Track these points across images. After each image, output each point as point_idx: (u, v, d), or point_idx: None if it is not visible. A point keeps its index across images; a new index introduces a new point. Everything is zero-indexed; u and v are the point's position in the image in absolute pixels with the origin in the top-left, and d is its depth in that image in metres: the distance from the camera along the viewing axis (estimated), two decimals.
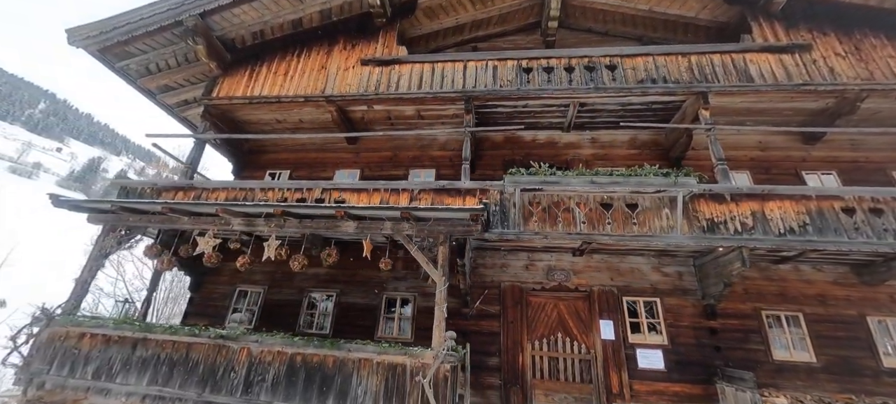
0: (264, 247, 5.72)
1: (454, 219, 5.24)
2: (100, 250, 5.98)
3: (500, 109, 8.12)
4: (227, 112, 8.96)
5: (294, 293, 8.01)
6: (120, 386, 4.93)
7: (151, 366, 5.01)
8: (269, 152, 9.87)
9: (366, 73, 8.21)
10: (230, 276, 8.36)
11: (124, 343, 5.20)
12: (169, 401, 4.78)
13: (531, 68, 7.70)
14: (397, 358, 4.63)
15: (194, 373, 4.89)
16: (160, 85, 9.53)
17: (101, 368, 5.10)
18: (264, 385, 4.70)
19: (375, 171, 9.10)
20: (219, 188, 7.45)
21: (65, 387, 5.04)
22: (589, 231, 6.22)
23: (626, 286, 7.24)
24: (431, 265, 5.20)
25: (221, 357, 4.93)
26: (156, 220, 6.05)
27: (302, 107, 8.46)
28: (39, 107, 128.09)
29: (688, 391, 6.45)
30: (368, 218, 5.44)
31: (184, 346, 5.04)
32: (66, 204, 5.91)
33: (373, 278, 7.88)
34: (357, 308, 7.69)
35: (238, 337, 4.91)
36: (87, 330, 5.33)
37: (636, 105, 7.69)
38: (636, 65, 7.46)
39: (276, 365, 4.78)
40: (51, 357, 5.28)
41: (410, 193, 6.80)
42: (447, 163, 8.93)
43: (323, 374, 4.66)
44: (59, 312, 5.53)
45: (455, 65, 7.97)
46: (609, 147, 8.51)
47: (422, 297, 7.62)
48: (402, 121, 8.80)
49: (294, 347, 4.79)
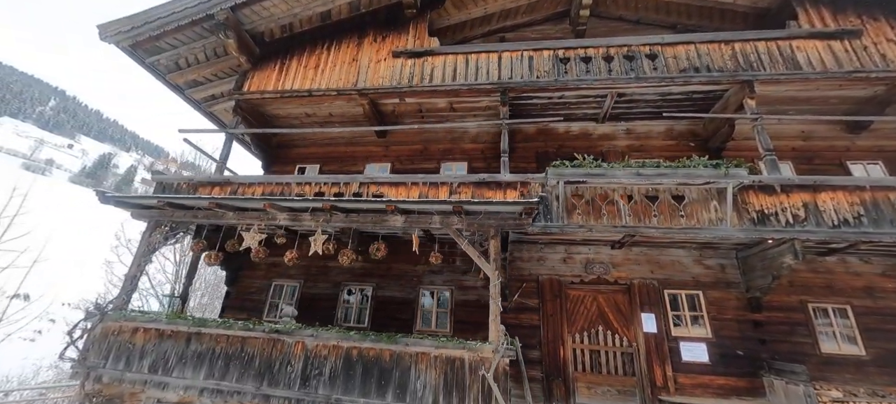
0: (310, 242, 5.71)
1: (504, 212, 5.18)
2: (147, 246, 6.02)
3: (535, 101, 7.99)
4: (257, 106, 8.95)
5: (329, 287, 8.05)
6: (177, 380, 4.99)
7: (207, 360, 5.05)
8: (298, 146, 9.86)
9: (398, 65, 8.11)
10: (266, 271, 8.42)
11: (178, 337, 5.25)
12: (227, 395, 4.83)
13: (568, 58, 7.55)
14: (455, 352, 4.62)
15: (250, 367, 4.92)
16: (188, 80, 9.53)
17: (156, 362, 5.16)
18: (322, 378, 4.72)
19: (406, 165, 9.06)
20: (255, 183, 7.44)
21: (122, 381, 5.12)
22: (635, 224, 6.13)
23: (667, 279, 7.16)
24: (483, 259, 5.16)
25: (277, 351, 4.96)
26: (201, 216, 6.07)
27: (333, 100, 8.40)
28: (50, 104, 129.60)
29: (733, 384, 6.39)
30: (417, 212, 5.40)
31: (238, 341, 5.08)
32: (112, 200, 5.94)
33: (408, 272, 7.88)
34: (394, 301, 7.71)
35: (293, 331, 4.93)
36: (140, 324, 5.39)
37: (676, 95, 7.52)
38: (678, 53, 7.28)
39: (332, 359, 4.79)
40: (106, 351, 5.36)
41: (449, 186, 6.74)
42: (479, 156, 8.85)
43: (380, 368, 4.67)
44: (111, 308, 5.59)
45: (489, 56, 7.84)
46: (645, 138, 8.36)
47: (459, 291, 7.61)
48: (433, 113, 8.72)
49: (350, 341, 4.80)
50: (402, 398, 4.51)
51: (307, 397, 4.65)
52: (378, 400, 4.53)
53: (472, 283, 7.67)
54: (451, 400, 4.44)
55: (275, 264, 8.43)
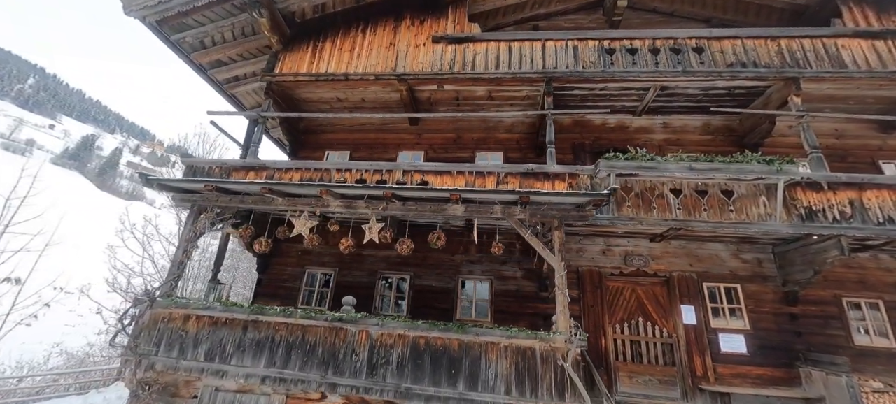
0: (365, 230, 5.60)
1: (568, 203, 5.15)
2: (191, 232, 5.84)
3: (576, 92, 7.92)
4: (287, 89, 8.68)
5: (365, 275, 7.97)
6: (236, 368, 4.89)
7: (266, 349, 4.96)
8: (326, 132, 9.63)
9: (438, 50, 7.93)
10: (298, 258, 8.28)
11: (234, 325, 5.13)
12: (290, 383, 4.76)
13: (614, 49, 7.47)
14: (526, 342, 4.62)
15: (313, 356, 4.85)
16: (213, 60, 9.18)
17: (212, 350, 5.04)
18: (389, 367, 4.68)
19: (439, 153, 8.93)
20: (292, 168, 7.24)
21: (177, 369, 4.99)
22: (685, 217, 6.17)
23: (706, 272, 7.28)
24: (548, 250, 5.13)
25: (340, 339, 4.89)
26: (249, 201, 5.89)
27: (369, 85, 8.19)
28: (29, 81, 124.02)
29: (770, 374, 6.58)
30: (478, 201, 5.33)
31: (299, 329, 4.99)
32: (155, 183, 5.71)
33: (445, 261, 7.85)
34: (432, 290, 7.68)
35: (357, 320, 4.86)
36: (192, 311, 5.25)
37: (719, 90, 7.54)
38: (724, 48, 7.27)
39: (398, 348, 4.75)
40: (157, 338, 5.21)
41: (496, 176, 6.66)
42: (514, 147, 8.78)
43: (449, 357, 4.65)
44: (159, 294, 5.42)
45: (533, 44, 7.71)
46: (681, 132, 8.39)
47: (498, 281, 7.62)
48: (469, 101, 8.59)
49: (417, 330, 4.76)
50: (473, 387, 4.51)
51: (376, 386, 4.61)
52: (449, 389, 4.52)
53: (510, 273, 7.69)
54: (523, 390, 4.46)
55: (307, 251, 8.30)
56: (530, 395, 4.42)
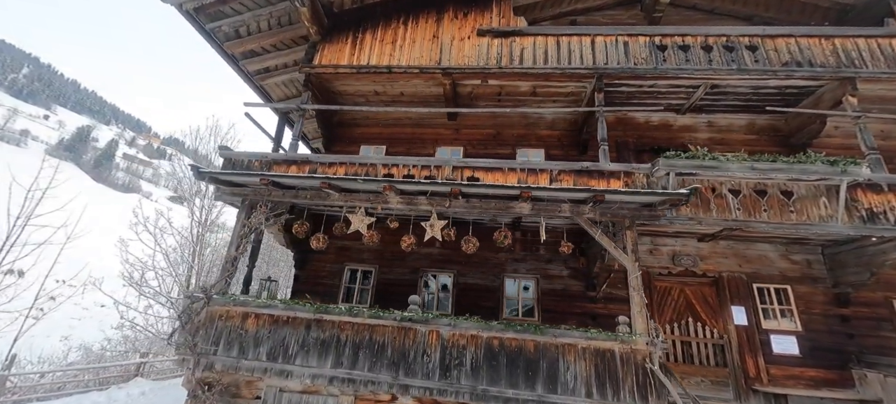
0: (426, 227, 5.45)
1: (641, 202, 5.03)
2: (244, 227, 5.65)
3: (623, 89, 7.78)
4: (324, 82, 8.48)
5: (407, 272, 7.83)
6: (301, 368, 4.74)
7: (332, 348, 4.81)
8: (361, 126, 9.43)
9: (484, 44, 7.75)
10: (337, 254, 8.12)
11: (297, 324, 4.98)
12: (359, 384, 4.63)
13: (665, 46, 7.34)
14: (605, 344, 4.52)
15: (382, 356, 4.71)
16: (246, 50, 8.94)
17: (274, 349, 4.89)
18: (463, 369, 4.56)
19: (478, 149, 8.78)
20: (336, 163, 7.06)
21: (238, 368, 4.84)
22: (745, 218, 6.08)
23: (755, 272, 7.21)
24: (620, 250, 5.02)
25: (409, 340, 4.76)
26: (303, 196, 5.72)
27: (411, 78, 8.01)
28: (23, 71, 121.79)
29: (823, 376, 6.53)
30: (547, 199, 5.20)
31: (366, 329, 4.85)
32: (207, 175, 5.52)
33: (490, 259, 7.72)
34: (477, 289, 7.56)
35: (429, 320, 4.73)
36: (252, 310, 5.08)
37: (769, 89, 7.43)
38: (778, 46, 7.16)
39: (472, 349, 4.63)
40: (215, 337, 5.05)
41: (549, 174, 6.52)
42: (555, 144, 8.65)
43: (526, 359, 4.54)
44: (215, 292, 5.25)
45: (582, 39, 7.56)
46: (726, 131, 8.30)
47: (544, 279, 7.51)
48: (511, 97, 8.42)
49: (490, 331, 4.63)
50: (552, 389, 4.40)
51: (450, 388, 4.49)
52: (528, 391, 4.41)
53: (556, 272, 7.58)
54: (604, 393, 4.36)
55: (345, 248, 8.16)
56: (612, 398, 4.33)
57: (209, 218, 18.73)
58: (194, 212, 18.08)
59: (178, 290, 17.40)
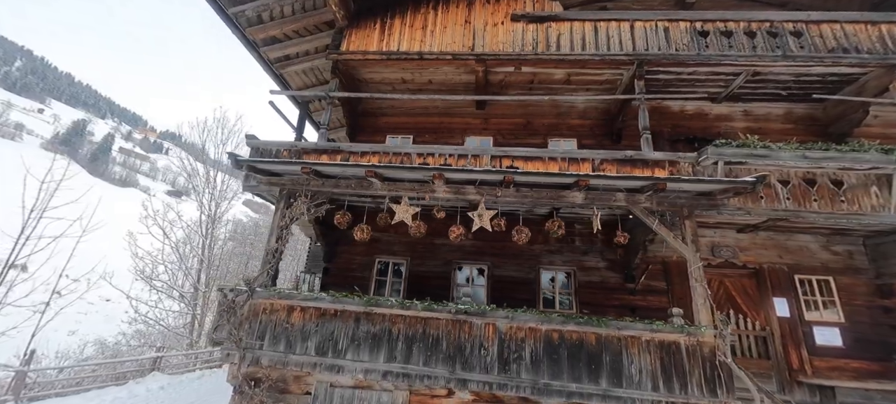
0: (473, 217, 5.27)
1: (701, 191, 4.86)
2: (283, 217, 5.45)
3: (660, 76, 7.58)
4: (351, 69, 8.22)
5: (439, 265, 7.67)
6: (353, 363, 4.58)
7: (384, 342, 4.65)
8: (386, 115, 9.20)
9: (519, 30, 7.51)
10: (367, 247, 7.92)
11: (346, 317, 4.81)
12: (414, 378, 4.47)
13: (707, 31, 7.13)
14: (670, 336, 4.38)
15: (437, 350, 4.56)
16: (268, 36, 8.63)
17: (323, 344, 4.72)
18: (523, 362, 4.42)
19: (508, 139, 8.58)
20: (368, 152, 6.85)
21: (286, 363, 4.67)
22: (795, 208, 5.94)
23: (796, 264, 7.10)
24: (680, 240, 4.86)
25: (465, 333, 4.60)
26: (344, 185, 5.51)
27: (441, 65, 7.77)
28: (16, 64, 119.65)
29: (867, 367, 6.44)
30: (601, 188, 5.02)
31: (419, 322, 4.68)
32: (245, 164, 5.30)
33: (524, 251, 7.55)
34: (512, 281, 7.41)
35: (486, 312, 4.57)
36: (297, 303, 4.90)
37: (812, 76, 7.26)
38: (824, 32, 6.97)
39: (531, 342, 4.48)
40: (260, 331, 4.87)
41: (592, 163, 6.35)
42: (587, 133, 8.46)
43: (588, 352, 4.40)
44: (258, 285, 5.06)
45: (620, 24, 7.33)
46: (763, 120, 8.13)
47: (581, 272, 7.37)
48: (543, 85, 8.20)
49: (550, 324, 4.48)
50: (617, 383, 4.27)
51: (510, 381, 4.35)
52: (591, 385, 4.28)
53: (593, 264, 7.44)
54: (671, 386, 4.23)
55: (375, 240, 7.95)
56: (679, 391, 4.20)
57: (218, 212, 18.49)
58: (203, 205, 17.82)
59: (189, 284, 17.22)
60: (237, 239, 27.69)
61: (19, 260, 9.59)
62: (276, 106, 8.35)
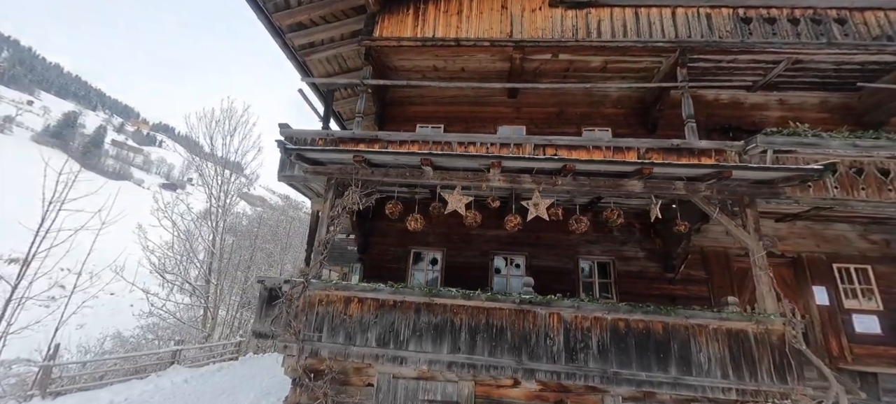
0: (528, 206, 5.19)
1: (757, 179, 4.81)
2: (332, 208, 5.33)
3: (699, 64, 7.48)
4: (382, 56, 8.03)
5: (476, 256, 7.61)
6: (416, 354, 4.52)
7: (447, 333, 4.59)
8: (416, 104, 9.03)
9: (557, 16, 7.36)
10: (400, 238, 7.84)
11: (405, 308, 4.73)
12: (480, 369, 4.43)
13: (750, 18, 7.04)
14: (738, 325, 4.37)
15: (502, 340, 4.51)
16: (294, 22, 8.38)
17: (384, 335, 4.65)
18: (590, 352, 4.38)
19: (542, 128, 8.46)
20: (407, 140, 6.71)
21: (347, 355, 4.59)
22: (843, 196, 5.93)
23: (834, 253, 7.13)
24: (741, 229, 4.83)
25: (529, 323, 4.55)
26: (395, 175, 5.39)
27: (477, 53, 7.61)
28: (2, 55, 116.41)
29: None
30: (661, 176, 4.95)
31: (482, 312, 4.62)
32: (294, 152, 5.15)
33: (562, 241, 7.51)
34: (550, 271, 7.37)
35: (550, 302, 4.52)
36: (355, 294, 4.81)
37: (852, 64, 7.21)
38: (867, 19, 6.90)
39: (597, 332, 4.44)
40: (317, 323, 4.78)
41: (637, 151, 6.30)
42: (622, 122, 8.37)
43: (655, 341, 4.37)
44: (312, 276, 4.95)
45: (662, 11, 7.21)
46: (798, 109, 8.09)
47: (620, 261, 7.35)
48: (579, 73, 8.08)
49: (616, 313, 4.45)
50: (686, 371, 4.25)
51: (578, 371, 4.32)
52: (661, 373, 4.26)
53: (631, 254, 7.42)
54: (741, 374, 4.22)
55: (409, 231, 7.85)
56: (749, 379, 4.20)
57: (228, 202, 18.25)
58: (213, 196, 17.56)
59: (201, 277, 17.05)
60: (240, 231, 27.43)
61: (40, 252, 9.38)
62: (305, 94, 8.16)
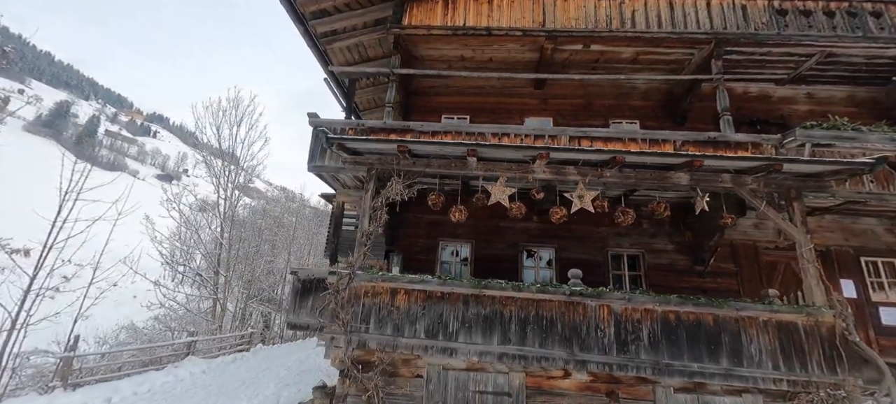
0: (572, 198, 5.16)
1: (805, 173, 4.80)
2: (374, 198, 5.26)
3: (732, 56, 7.42)
4: (409, 44, 7.89)
5: (505, 248, 7.58)
6: (466, 345, 4.50)
7: (497, 325, 4.57)
8: (441, 95, 8.91)
9: (590, 5, 7.25)
10: (429, 230, 7.80)
11: (453, 300, 4.70)
12: (531, 360, 4.42)
13: (786, 10, 6.98)
14: (787, 317, 4.39)
15: (552, 332, 4.50)
16: (318, 9, 8.19)
17: (433, 326, 4.63)
18: (641, 343, 4.39)
19: (569, 120, 8.39)
20: (440, 131, 6.64)
21: (396, 346, 4.57)
22: (879, 190, 5.95)
23: (862, 246, 7.18)
24: (788, 222, 4.83)
25: (579, 314, 4.54)
26: (438, 165, 5.32)
27: (507, 42, 7.50)
28: None
29: None
30: (707, 169, 4.93)
31: (531, 303, 4.61)
32: (335, 142, 5.06)
33: (591, 234, 7.51)
34: (580, 263, 7.24)
35: (601, 294, 4.51)
36: (402, 285, 4.77)
37: (885, 58, 7.19)
38: None
39: (647, 323, 4.45)
40: (363, 314, 4.74)
41: (673, 144, 6.28)
42: (650, 115, 8.33)
43: (706, 332, 4.39)
44: (358, 267, 4.90)
45: (697, 1, 7.12)
46: (826, 103, 8.09)
47: (650, 254, 7.36)
48: (609, 65, 7.99)
49: (667, 305, 4.45)
50: (738, 363, 4.28)
51: (631, 362, 4.33)
52: (712, 364, 4.28)
53: (661, 247, 7.44)
54: (791, 366, 4.26)
55: (437, 223, 7.83)
56: (799, 370, 4.24)
57: (235, 195, 18.08)
58: (223, 182, 17.34)
59: (210, 269, 16.94)
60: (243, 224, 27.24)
61: (58, 243, 9.22)
62: (330, 83, 8.02)
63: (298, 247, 26.42)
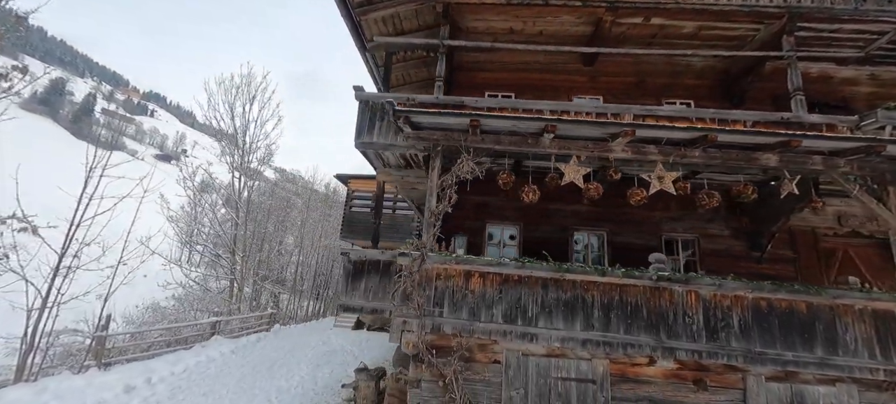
0: (650, 180, 4.89)
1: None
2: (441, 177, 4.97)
3: (800, 33, 7.01)
4: (457, 16, 7.44)
5: (555, 231, 7.36)
6: (547, 331, 4.32)
7: (579, 310, 4.38)
8: (484, 70, 8.51)
9: None
10: (474, 212, 7.55)
11: (532, 284, 4.49)
12: (616, 347, 4.25)
13: None
14: (885, 305, 4.21)
15: (637, 318, 4.32)
16: None
17: (510, 311, 4.43)
18: (731, 330, 4.22)
19: (620, 99, 7.99)
20: (495, 107, 6.27)
21: (472, 331, 4.38)
22: None
23: None
24: (884, 207, 4.59)
25: (664, 300, 4.35)
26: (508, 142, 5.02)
27: (563, 13, 7.08)
28: None
29: None
30: (801, 151, 4.65)
31: (615, 289, 4.40)
32: (403, 116, 4.74)
33: (644, 218, 7.27)
34: (632, 248, 7.16)
35: (688, 280, 4.31)
36: (477, 268, 4.55)
37: None
38: None
39: (737, 310, 4.27)
40: (436, 298, 4.54)
41: (744, 124, 5.92)
42: (705, 95, 7.97)
43: (800, 320, 4.21)
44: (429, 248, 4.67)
45: None
46: (890, 85, 7.74)
47: (705, 239, 7.16)
48: (667, 40, 7.57)
49: (760, 291, 4.25)
50: (833, 352, 4.12)
51: (721, 350, 4.16)
52: (806, 353, 4.12)
53: (716, 232, 7.23)
54: (888, 355, 4.10)
55: (483, 205, 7.59)
56: None
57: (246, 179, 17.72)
58: (235, 165, 16.98)
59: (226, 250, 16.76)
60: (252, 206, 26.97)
61: (85, 220, 8.96)
62: (368, 58, 7.60)
63: (310, 229, 26.26)
